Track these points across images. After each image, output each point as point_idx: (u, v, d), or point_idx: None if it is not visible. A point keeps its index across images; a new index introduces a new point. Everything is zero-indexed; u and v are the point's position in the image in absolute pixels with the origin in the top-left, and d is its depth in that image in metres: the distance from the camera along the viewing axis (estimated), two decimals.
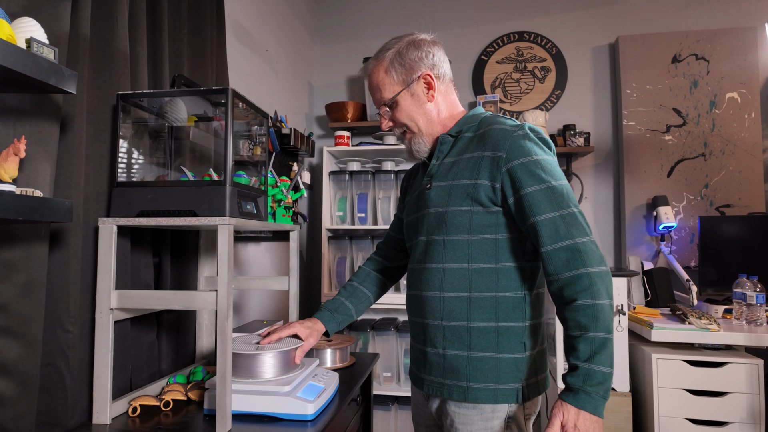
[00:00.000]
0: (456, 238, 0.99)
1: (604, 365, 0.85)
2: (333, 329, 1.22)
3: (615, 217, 2.69)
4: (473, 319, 0.97)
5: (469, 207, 0.97)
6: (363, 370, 1.52)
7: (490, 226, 0.97)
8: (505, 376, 0.96)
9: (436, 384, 1.02)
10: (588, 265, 0.88)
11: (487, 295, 0.97)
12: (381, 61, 1.08)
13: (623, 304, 1.99)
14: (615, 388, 1.98)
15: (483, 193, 0.96)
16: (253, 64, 2.14)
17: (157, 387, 1.24)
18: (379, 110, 1.11)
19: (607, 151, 2.73)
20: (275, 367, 1.15)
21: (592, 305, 0.87)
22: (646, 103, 2.63)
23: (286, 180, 1.44)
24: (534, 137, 0.98)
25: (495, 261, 0.97)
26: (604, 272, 0.89)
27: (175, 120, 1.30)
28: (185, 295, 1.05)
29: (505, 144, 0.96)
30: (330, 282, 2.62)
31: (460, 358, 0.98)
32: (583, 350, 0.86)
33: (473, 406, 0.97)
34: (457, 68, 2.87)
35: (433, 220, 1.02)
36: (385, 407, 2.47)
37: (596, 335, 0.86)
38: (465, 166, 1.00)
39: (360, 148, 2.59)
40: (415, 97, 1.07)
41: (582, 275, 0.88)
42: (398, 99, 1.07)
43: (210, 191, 1.05)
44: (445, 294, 0.99)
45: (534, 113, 2.59)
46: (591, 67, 2.77)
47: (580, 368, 0.86)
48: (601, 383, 0.85)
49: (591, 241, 0.90)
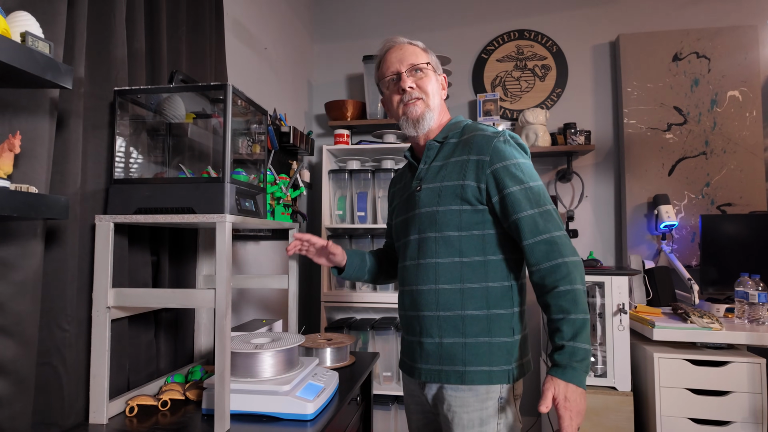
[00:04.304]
0: (447, 234, 1.07)
1: (585, 342, 0.96)
2: (349, 267, 1.31)
3: (616, 215, 2.68)
4: (467, 308, 1.06)
5: (458, 206, 1.07)
6: (363, 370, 1.51)
7: (477, 223, 1.07)
8: (497, 359, 1.05)
9: (433, 371, 1.09)
10: (565, 256, 0.99)
11: (478, 285, 1.06)
12: (416, 43, 1.18)
13: (624, 303, 1.98)
14: (616, 387, 1.98)
15: (470, 193, 1.06)
16: (252, 62, 2.13)
17: (155, 386, 1.23)
18: (406, 72, 1.14)
19: (607, 150, 2.72)
20: (274, 366, 1.14)
21: (572, 290, 0.97)
22: (647, 102, 2.62)
23: (286, 178, 1.43)
24: (513, 143, 1.09)
25: (483, 254, 1.07)
26: (578, 261, 1.00)
27: (173, 117, 1.29)
28: (183, 294, 1.04)
29: (489, 149, 1.06)
30: (330, 281, 2.61)
31: (456, 345, 1.06)
32: (567, 331, 0.96)
33: (469, 388, 1.05)
34: (457, 66, 2.86)
35: (425, 219, 1.10)
36: (385, 407, 2.46)
37: (577, 317, 0.96)
38: (452, 168, 1.09)
39: (360, 147, 2.57)
40: (437, 83, 1.18)
41: (560, 264, 0.98)
42: (430, 71, 1.16)
43: (208, 188, 1.04)
44: (440, 286, 1.07)
45: (534, 111, 2.58)
46: (592, 66, 2.76)
47: (565, 347, 0.96)
48: (584, 358, 0.95)
49: (565, 235, 1.02)
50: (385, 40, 1.20)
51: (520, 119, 2.64)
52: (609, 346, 2.00)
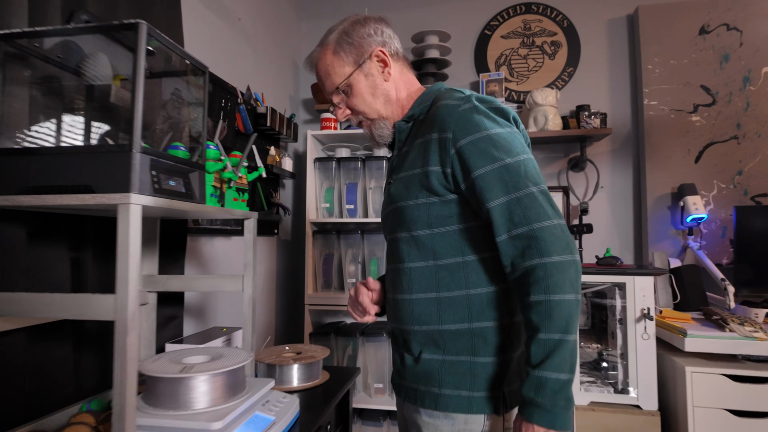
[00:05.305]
0: (417, 234, 0.89)
1: (560, 370, 0.74)
2: None
3: (635, 208, 2.39)
4: (445, 321, 0.87)
5: (425, 198, 0.88)
6: (338, 389, 1.25)
7: (449, 217, 0.88)
8: (480, 383, 0.85)
9: (410, 391, 0.93)
10: (544, 255, 0.77)
11: (457, 293, 0.87)
12: (326, 45, 0.98)
13: (650, 307, 1.70)
14: (641, 405, 1.70)
15: (436, 181, 0.87)
16: (221, 32, 1.87)
17: (64, 415, 0.97)
18: (332, 100, 1.00)
19: (625, 135, 2.43)
20: (209, 393, 0.88)
21: (544, 302, 0.76)
22: (670, 81, 2.33)
23: (237, 156, 1.16)
24: (483, 108, 0.86)
25: (461, 254, 0.87)
26: (566, 262, 0.77)
27: (95, 78, 1.03)
28: (73, 300, 0.77)
29: (450, 121, 0.85)
30: (315, 282, 2.35)
31: (433, 362, 0.89)
32: (535, 354, 0.76)
33: (444, 415, 0.86)
34: (458, 44, 2.58)
35: (394, 217, 0.94)
36: (376, 423, 2.20)
37: (549, 336, 0.75)
38: (417, 153, 0.91)
39: (349, 132, 2.31)
40: (369, 77, 0.97)
41: (536, 266, 0.77)
42: (352, 82, 0.96)
43: (111, 159, 0.78)
44: (414, 296, 0.90)
45: (544, 92, 2.31)
46: (607, 41, 2.48)
47: (531, 375, 0.76)
48: (557, 392, 0.74)
49: (554, 225, 0.78)
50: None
51: (527, 101, 2.36)
52: (631, 357, 1.72)
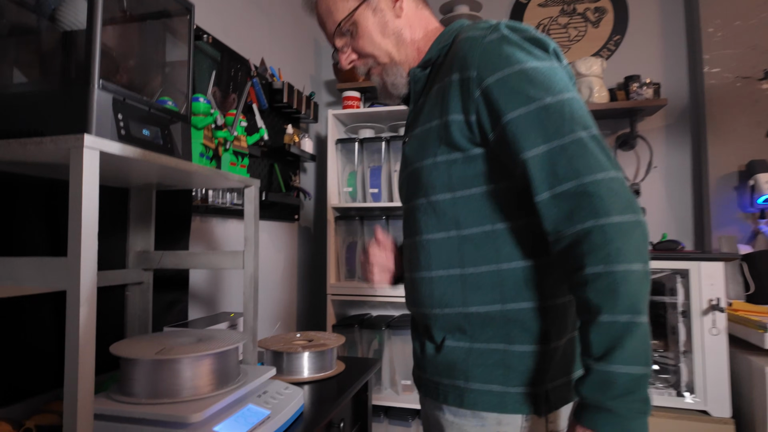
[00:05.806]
0: (436, 199, 0.75)
1: (631, 363, 0.58)
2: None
3: (695, 189, 2.12)
4: (471, 302, 0.72)
5: (445, 155, 0.74)
6: (353, 381, 1.09)
7: (475, 177, 0.73)
8: (516, 376, 0.71)
9: (431, 384, 0.79)
10: (600, 215, 0.60)
11: (485, 269, 0.72)
12: None
13: (720, 297, 1.46)
14: (709, 411, 1.46)
15: (457, 133, 0.72)
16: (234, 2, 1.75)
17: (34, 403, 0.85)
18: (335, 44, 0.86)
19: (682, 108, 2.16)
20: (191, 380, 0.74)
21: (607, 273, 0.59)
22: (735, 44, 2.06)
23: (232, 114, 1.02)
24: (515, 38, 0.69)
25: (490, 222, 0.73)
26: (629, 222, 0.60)
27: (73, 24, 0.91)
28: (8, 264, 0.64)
29: (474, 57, 0.70)
30: (338, 272, 2.20)
31: (459, 350, 0.74)
32: (596, 343, 0.60)
33: (472, 413, 0.73)
34: (491, 13, 2.38)
35: (411, 182, 0.80)
36: (404, 422, 2.03)
37: (614, 319, 0.58)
38: (434, 101, 0.76)
39: (373, 110, 2.15)
40: (378, 13, 0.83)
41: (590, 230, 0.60)
42: (357, 18, 0.82)
43: (66, 97, 0.65)
44: (434, 273, 0.76)
45: (588, 61, 2.08)
46: (659, 4, 2.22)
47: (593, 371, 0.60)
48: (630, 392, 0.58)
49: (611, 179, 0.61)
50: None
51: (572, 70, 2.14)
52: (697, 355, 1.48)
